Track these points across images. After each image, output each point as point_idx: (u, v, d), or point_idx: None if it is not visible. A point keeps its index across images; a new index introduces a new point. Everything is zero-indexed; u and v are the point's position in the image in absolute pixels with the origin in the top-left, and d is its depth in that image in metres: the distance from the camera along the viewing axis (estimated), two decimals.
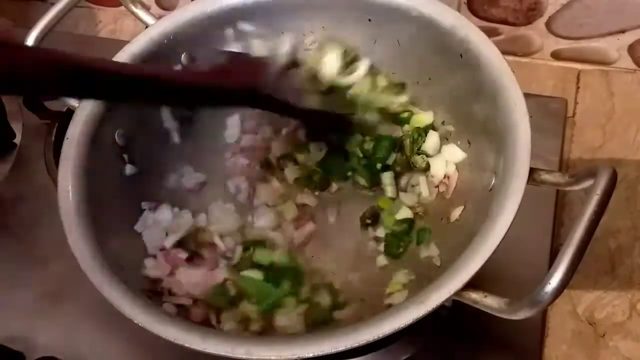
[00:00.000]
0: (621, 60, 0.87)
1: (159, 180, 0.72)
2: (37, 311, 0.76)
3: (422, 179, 0.70)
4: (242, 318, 0.63)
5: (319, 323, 0.62)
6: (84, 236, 0.58)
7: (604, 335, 0.70)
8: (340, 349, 0.49)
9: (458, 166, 0.68)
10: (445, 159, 0.69)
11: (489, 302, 0.49)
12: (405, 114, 0.71)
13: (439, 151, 0.70)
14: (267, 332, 0.62)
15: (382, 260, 0.68)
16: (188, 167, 0.74)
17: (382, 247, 0.69)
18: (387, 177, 0.71)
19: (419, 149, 0.70)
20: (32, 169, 0.88)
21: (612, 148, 0.82)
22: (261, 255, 0.68)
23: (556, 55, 0.89)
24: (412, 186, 0.71)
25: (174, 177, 0.73)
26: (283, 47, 0.71)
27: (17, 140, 0.91)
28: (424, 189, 0.69)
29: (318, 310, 0.64)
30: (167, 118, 0.72)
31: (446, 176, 0.69)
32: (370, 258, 0.69)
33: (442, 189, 0.69)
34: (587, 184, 0.49)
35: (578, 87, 0.87)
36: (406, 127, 0.71)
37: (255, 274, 0.66)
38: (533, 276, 0.49)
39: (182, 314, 0.61)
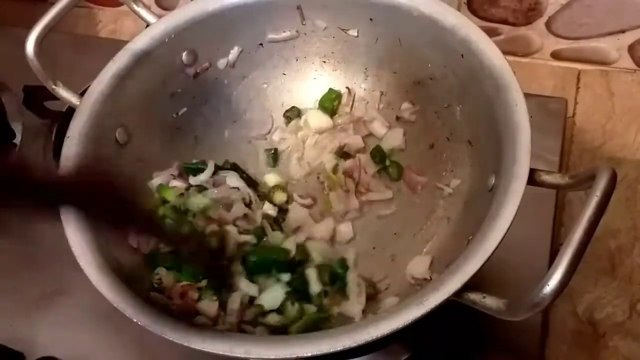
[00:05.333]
0: (621, 60, 0.87)
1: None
2: (37, 311, 0.76)
3: None
4: None
5: None
6: (84, 236, 0.58)
7: (604, 335, 0.70)
8: (338, 348, 0.49)
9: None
10: None
11: (487, 302, 0.49)
12: None
13: None
14: None
15: None
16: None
17: None
18: None
19: None
20: None
21: (612, 148, 0.82)
22: None
23: (556, 55, 0.89)
24: None
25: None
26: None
27: (17, 140, 0.91)
28: None
29: None
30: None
31: None
32: None
33: None
34: (586, 185, 0.49)
35: (578, 87, 0.87)
36: None
37: None
38: (533, 277, 0.49)
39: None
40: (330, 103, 0.76)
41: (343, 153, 0.75)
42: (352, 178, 0.73)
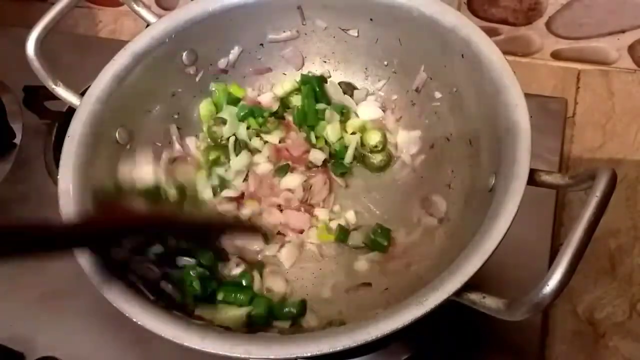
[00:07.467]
0: (621, 60, 0.87)
1: None
2: (37, 311, 0.76)
3: None
4: None
5: None
6: None
7: (604, 335, 0.70)
8: (338, 348, 0.49)
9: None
10: None
11: (487, 303, 0.49)
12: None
13: None
14: None
15: None
16: None
17: None
18: None
19: None
20: (32, 169, 0.88)
21: (612, 148, 0.82)
22: None
23: (556, 55, 0.89)
24: None
25: None
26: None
27: (17, 140, 0.91)
28: None
29: None
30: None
31: None
32: None
33: None
34: (586, 185, 0.49)
35: (578, 87, 0.87)
36: None
37: None
38: (533, 276, 0.49)
39: None
40: None
41: None
42: None
